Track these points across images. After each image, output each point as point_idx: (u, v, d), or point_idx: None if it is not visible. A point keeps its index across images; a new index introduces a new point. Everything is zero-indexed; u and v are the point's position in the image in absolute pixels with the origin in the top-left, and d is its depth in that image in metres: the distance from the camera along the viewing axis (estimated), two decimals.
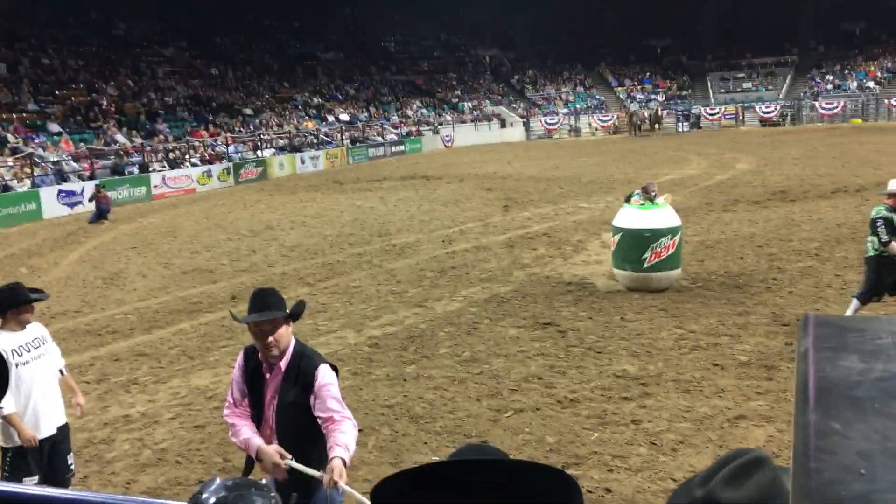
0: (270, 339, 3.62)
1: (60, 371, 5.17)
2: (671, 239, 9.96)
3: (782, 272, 10.67)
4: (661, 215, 10.10)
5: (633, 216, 10.19)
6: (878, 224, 7.84)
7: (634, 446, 5.72)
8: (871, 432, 0.81)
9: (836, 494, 0.70)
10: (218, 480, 1.69)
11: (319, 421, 3.64)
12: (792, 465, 0.85)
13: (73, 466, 5.13)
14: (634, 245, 9.97)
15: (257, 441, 3.68)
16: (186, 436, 6.48)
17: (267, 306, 3.64)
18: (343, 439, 3.50)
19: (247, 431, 3.76)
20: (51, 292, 12.35)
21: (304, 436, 3.71)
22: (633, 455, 5.58)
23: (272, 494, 1.79)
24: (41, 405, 4.85)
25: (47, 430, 4.85)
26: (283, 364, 3.71)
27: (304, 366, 3.68)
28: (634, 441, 5.81)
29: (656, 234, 9.91)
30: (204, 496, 1.61)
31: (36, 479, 4.76)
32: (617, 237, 10.25)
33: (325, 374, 3.67)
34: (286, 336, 3.70)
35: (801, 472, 0.78)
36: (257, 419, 3.82)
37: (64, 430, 5.03)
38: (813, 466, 0.76)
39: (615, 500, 4.96)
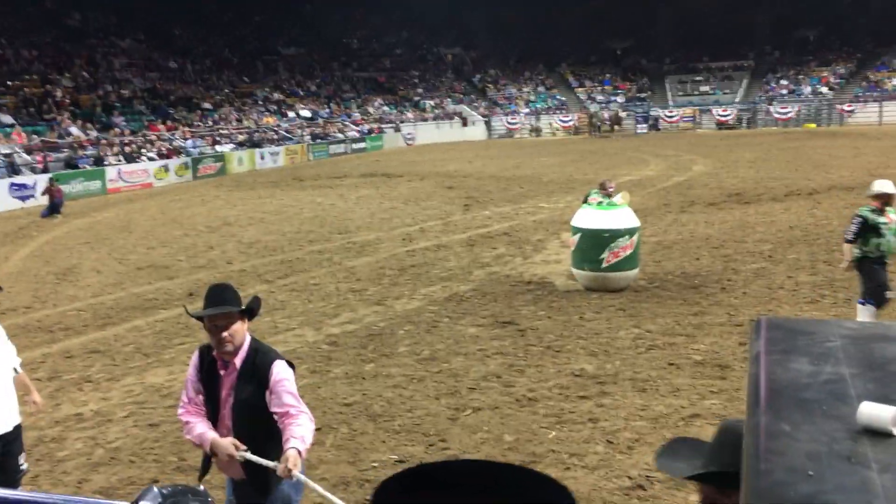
0: (225, 334, 3.58)
1: (15, 369, 5.05)
2: (629, 239, 10.07)
3: (737, 273, 10.86)
4: (619, 216, 10.21)
5: (591, 216, 10.28)
6: (854, 221, 7.89)
7: (591, 444, 5.78)
8: (819, 434, 0.84)
9: (785, 495, 0.72)
10: (154, 489, 1.67)
11: (276, 416, 3.62)
12: (743, 465, 0.86)
13: (24, 466, 5.01)
14: (593, 245, 10.06)
15: (211, 435, 3.65)
16: (140, 434, 6.38)
17: (222, 301, 3.60)
18: (299, 432, 3.48)
19: (201, 427, 3.72)
20: (1, 288, 12.08)
21: (261, 432, 3.68)
22: (590, 453, 5.63)
23: (209, 500, 1.77)
24: None
25: (1, 428, 4.73)
26: (237, 361, 3.67)
27: (259, 362, 3.65)
28: (591, 439, 5.87)
29: (614, 235, 10.01)
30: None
31: None
32: (576, 237, 10.34)
33: (280, 370, 3.64)
34: (241, 332, 3.66)
35: (751, 473, 0.80)
36: (213, 418, 3.78)
37: (17, 430, 4.92)
38: (763, 468, 0.78)
39: None
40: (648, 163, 27.93)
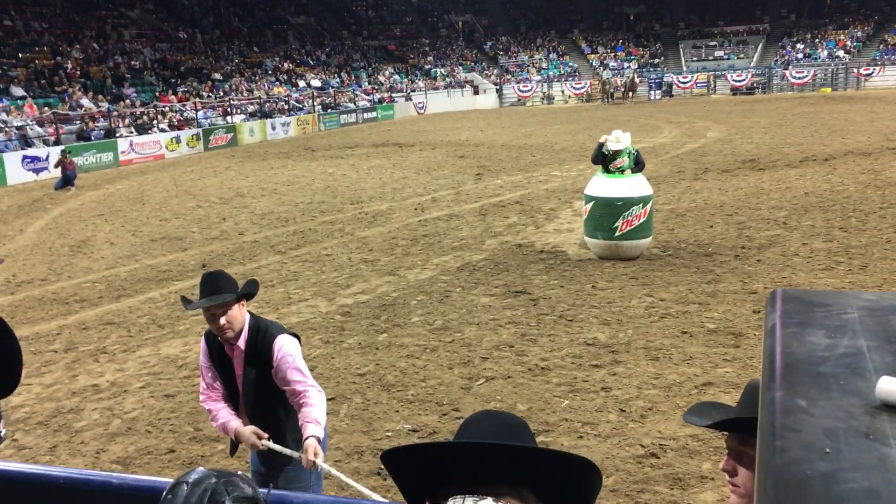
0: (223, 321, 3.60)
1: None
2: (643, 207, 10.00)
3: (751, 240, 10.79)
4: (632, 184, 10.13)
5: (604, 184, 10.20)
6: None
7: (604, 413, 5.79)
8: (836, 410, 0.82)
9: (801, 473, 0.70)
10: (202, 469, 1.72)
11: (286, 393, 3.64)
12: (758, 441, 0.85)
13: (3, 433, 5.09)
14: (606, 213, 10.01)
15: (234, 424, 3.69)
16: (156, 405, 6.45)
17: (216, 290, 3.60)
18: (313, 413, 3.50)
19: (224, 415, 3.76)
20: (16, 261, 12.19)
21: (275, 411, 3.72)
22: (602, 422, 5.65)
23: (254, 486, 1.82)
24: None
25: None
26: (241, 344, 3.69)
27: (261, 342, 3.66)
28: (604, 408, 5.88)
29: (628, 203, 9.94)
30: (192, 477, 1.62)
31: None
32: (589, 206, 10.28)
33: (281, 346, 3.65)
34: (240, 317, 3.67)
35: (766, 450, 0.78)
36: (233, 400, 3.81)
37: None
38: (778, 445, 0.76)
39: None
40: (662, 129, 27.69)
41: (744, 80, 47.62)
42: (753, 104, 37.91)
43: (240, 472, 1.73)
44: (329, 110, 40.46)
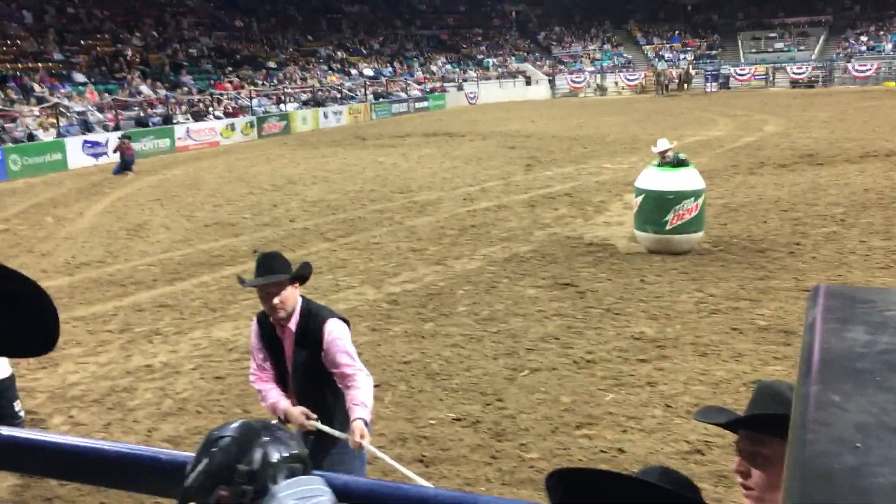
0: (276, 301, 3.66)
1: None
2: (694, 201, 9.86)
3: (806, 237, 10.56)
4: (684, 177, 9.99)
5: (655, 177, 10.09)
6: None
7: (649, 408, 5.75)
8: (870, 405, 0.81)
9: (828, 466, 0.70)
10: (243, 421, 1.67)
11: (334, 376, 3.70)
12: (789, 436, 0.85)
13: (21, 413, 5.28)
14: (657, 207, 9.89)
15: (283, 404, 3.77)
16: (207, 386, 6.59)
17: (271, 270, 3.67)
18: (360, 396, 3.55)
19: (273, 395, 3.83)
20: (75, 243, 12.55)
21: (323, 392, 3.78)
22: (647, 416, 5.61)
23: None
24: None
25: None
26: (292, 325, 3.76)
27: (311, 324, 3.73)
28: (649, 403, 5.83)
29: (679, 197, 9.81)
30: (234, 433, 1.55)
31: None
32: (639, 198, 10.17)
33: (331, 329, 3.71)
34: (292, 298, 3.73)
35: (796, 443, 0.78)
36: (282, 380, 3.89)
37: (6, 382, 5.17)
38: (808, 438, 0.76)
39: (628, 461, 5.00)
40: (717, 122, 27.21)
41: (804, 72, 46.47)
42: (813, 98, 36.99)
43: (281, 426, 1.68)
44: (381, 99, 40.65)
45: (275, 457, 1.51)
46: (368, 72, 45.03)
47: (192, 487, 1.52)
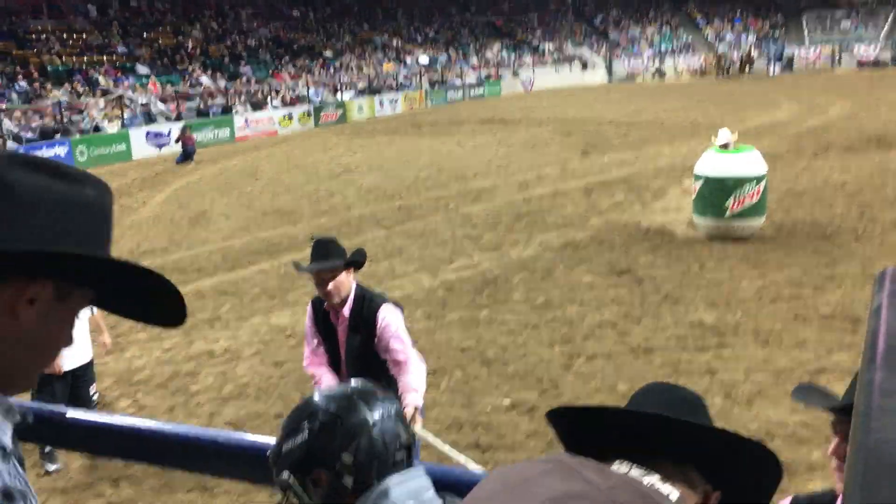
0: (330, 286, 3.71)
1: (91, 310, 5.40)
2: (756, 186, 9.62)
3: (874, 222, 10.23)
4: (745, 161, 9.76)
5: (715, 161, 9.87)
6: None
7: (709, 396, 5.65)
8: None
9: (893, 456, 0.68)
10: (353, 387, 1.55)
11: (387, 362, 3.73)
12: (853, 422, 0.82)
13: (95, 396, 5.46)
14: (716, 192, 9.68)
15: None
16: (266, 372, 6.72)
17: (326, 255, 3.71)
18: (413, 382, 3.57)
19: (327, 379, 3.89)
20: (140, 231, 12.88)
21: (376, 378, 3.80)
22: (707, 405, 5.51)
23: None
24: None
25: (70, 364, 5.15)
26: (346, 311, 3.80)
27: (365, 310, 3.76)
28: (709, 391, 5.73)
29: (740, 182, 9.58)
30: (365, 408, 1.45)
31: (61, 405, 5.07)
32: (698, 184, 9.97)
33: (385, 315, 3.73)
34: (346, 283, 3.77)
35: (859, 431, 0.76)
36: (335, 365, 3.94)
37: (86, 366, 5.34)
38: (873, 425, 0.74)
39: None
40: (780, 105, 26.51)
41: (872, 52, 44.89)
42: (882, 79, 35.73)
43: (390, 397, 1.53)
44: (436, 87, 40.66)
45: (382, 449, 1.41)
46: (424, 59, 45.07)
47: (286, 457, 1.42)
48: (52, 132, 23.31)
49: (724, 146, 10.22)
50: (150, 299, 1.12)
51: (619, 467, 1.03)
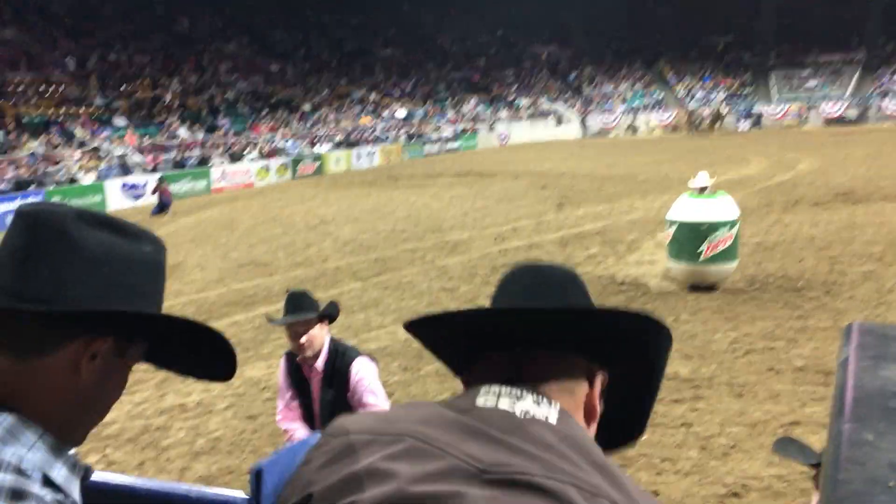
0: (303, 339, 3.69)
1: None
2: (729, 231, 9.79)
3: (843, 276, 10.40)
4: (719, 206, 9.94)
5: (689, 206, 10.03)
6: None
7: (684, 449, 5.65)
8: None
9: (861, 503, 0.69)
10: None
11: None
12: (822, 474, 0.84)
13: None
14: (690, 237, 9.81)
15: None
16: (239, 425, 6.62)
17: (299, 308, 3.71)
18: None
19: (300, 435, 3.85)
20: None
21: None
22: (682, 458, 5.51)
23: None
24: None
25: None
26: (319, 365, 3.78)
27: (339, 364, 3.75)
28: (685, 444, 5.73)
29: (714, 226, 9.76)
30: None
31: None
32: (672, 229, 10.12)
33: (359, 369, 3.72)
34: (319, 337, 3.75)
35: (829, 483, 0.77)
36: (309, 419, 3.90)
37: None
38: (841, 477, 0.75)
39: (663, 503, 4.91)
40: (750, 161, 27.04)
41: (838, 110, 46.10)
42: (848, 136, 36.64)
43: None
44: (413, 140, 41.06)
45: None
46: (401, 113, 45.59)
47: None
48: (26, 183, 23.18)
49: (703, 189, 10.37)
50: (200, 354, 1.16)
51: (486, 400, 0.99)
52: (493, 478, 0.86)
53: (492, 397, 0.99)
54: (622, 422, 1.20)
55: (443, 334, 1.20)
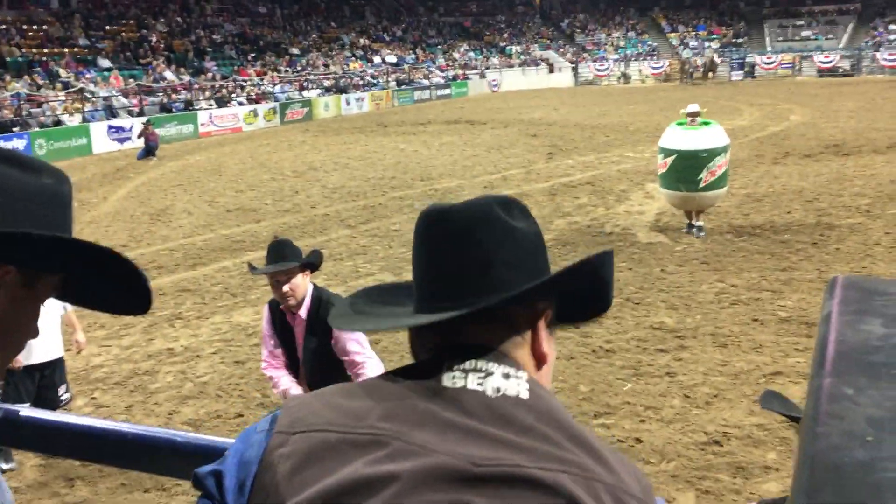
0: (286, 288, 3.70)
1: (63, 307, 5.29)
2: (725, 157, 10.10)
3: (831, 228, 10.45)
4: (713, 134, 10.16)
5: (686, 137, 10.18)
6: None
7: (668, 398, 5.73)
8: (883, 399, 0.81)
9: (838, 460, 0.70)
10: None
11: (344, 363, 3.73)
12: (801, 428, 0.84)
13: (65, 397, 5.31)
14: (691, 166, 10.00)
15: (295, 391, 3.81)
16: (227, 370, 6.65)
17: (281, 257, 3.70)
18: None
19: (285, 382, 3.87)
20: (99, 226, 12.68)
21: (335, 379, 3.79)
22: (665, 407, 5.59)
23: None
24: None
25: (36, 357, 4.98)
26: (302, 313, 3.79)
27: (322, 312, 3.76)
28: (668, 393, 5.81)
29: (712, 154, 9.98)
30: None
31: (27, 405, 4.91)
32: (669, 159, 10.20)
33: None
34: (302, 285, 3.76)
35: (807, 436, 0.78)
36: (294, 367, 3.92)
37: (55, 363, 5.19)
38: (820, 431, 0.76)
39: (645, 451, 4.99)
40: (742, 112, 26.93)
41: (831, 61, 45.81)
42: (841, 87, 36.48)
43: None
44: (403, 86, 40.61)
45: None
46: (391, 59, 44.99)
47: None
48: (10, 125, 22.84)
49: (694, 114, 10.40)
50: (113, 285, 1.09)
51: (454, 380, 0.96)
52: (486, 474, 0.84)
53: (459, 376, 0.96)
54: (586, 300, 1.14)
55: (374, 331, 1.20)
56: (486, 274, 1.01)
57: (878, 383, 0.85)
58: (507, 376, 0.96)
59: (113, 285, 1.08)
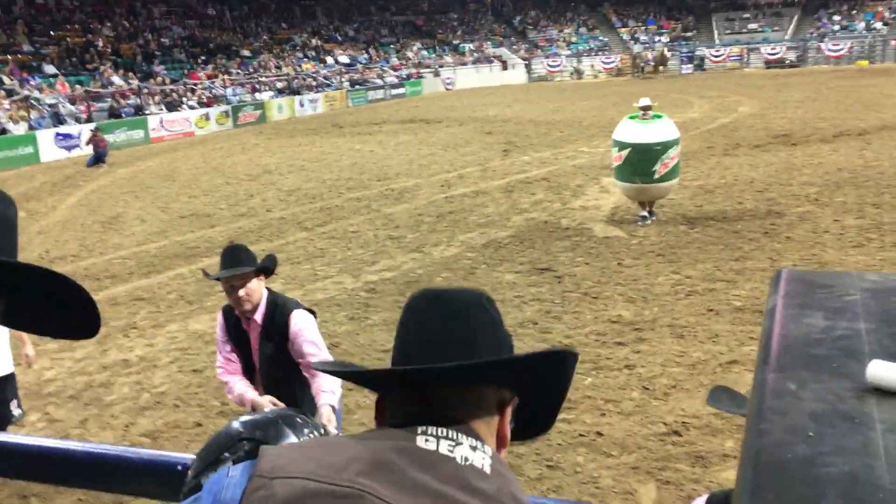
0: (241, 293, 3.66)
1: None
2: (676, 149, 10.45)
3: (781, 217, 10.65)
4: (665, 127, 10.48)
5: (639, 130, 10.46)
6: None
7: (627, 391, 5.79)
8: (826, 393, 0.82)
9: (782, 456, 0.70)
10: (234, 424, 1.45)
11: (300, 366, 3.70)
12: (746, 424, 0.85)
13: (17, 413, 5.19)
14: (645, 158, 10.28)
15: (250, 395, 3.76)
16: (184, 379, 6.55)
17: (236, 262, 3.67)
18: (326, 384, 3.55)
19: (240, 387, 3.83)
20: (49, 237, 12.41)
21: (291, 383, 3.78)
22: (625, 399, 5.64)
23: (305, 422, 1.52)
24: None
25: None
26: (258, 318, 3.76)
27: (277, 316, 3.73)
28: (627, 385, 5.87)
29: (665, 146, 10.30)
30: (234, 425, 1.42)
31: None
32: (624, 152, 10.46)
33: (297, 321, 3.71)
34: (257, 290, 3.73)
35: (750, 432, 0.78)
36: (249, 373, 3.88)
37: (5, 379, 5.08)
38: (763, 427, 0.76)
39: (606, 444, 5.03)
40: (692, 104, 27.32)
41: (778, 52, 46.71)
42: (787, 78, 37.21)
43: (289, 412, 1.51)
44: (357, 87, 40.42)
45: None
46: (344, 59, 44.74)
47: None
48: None
49: (647, 108, 10.65)
50: (60, 310, 1.09)
51: (427, 442, 1.02)
52: None
53: (432, 440, 1.03)
54: (532, 422, 1.28)
55: (354, 380, 1.22)
56: (472, 348, 1.15)
57: (820, 377, 0.86)
58: (474, 448, 1.04)
59: (60, 309, 1.09)
